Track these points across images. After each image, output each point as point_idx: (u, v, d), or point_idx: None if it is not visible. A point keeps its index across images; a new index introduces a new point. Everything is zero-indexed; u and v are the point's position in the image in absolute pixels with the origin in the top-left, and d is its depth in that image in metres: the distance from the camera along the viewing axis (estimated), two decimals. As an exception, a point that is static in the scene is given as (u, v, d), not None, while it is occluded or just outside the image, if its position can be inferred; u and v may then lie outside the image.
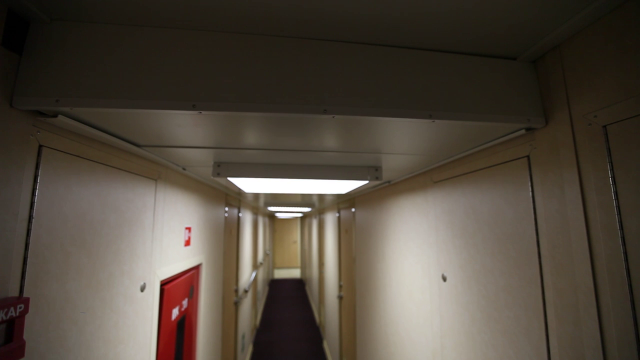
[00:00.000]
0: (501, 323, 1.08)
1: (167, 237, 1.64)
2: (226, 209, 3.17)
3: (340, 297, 4.12)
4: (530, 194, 0.96)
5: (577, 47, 0.82)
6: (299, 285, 10.52)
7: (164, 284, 1.62)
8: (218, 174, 1.48)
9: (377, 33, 0.84)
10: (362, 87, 0.84)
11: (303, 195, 3.37)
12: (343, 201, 4.05)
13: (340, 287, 4.21)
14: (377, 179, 1.52)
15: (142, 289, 1.36)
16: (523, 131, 0.94)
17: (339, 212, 4.43)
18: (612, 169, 0.72)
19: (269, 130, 0.97)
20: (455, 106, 0.87)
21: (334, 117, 0.83)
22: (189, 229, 1.99)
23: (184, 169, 1.68)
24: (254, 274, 5.25)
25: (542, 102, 0.92)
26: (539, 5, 0.73)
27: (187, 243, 1.97)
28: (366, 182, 1.58)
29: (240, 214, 4.17)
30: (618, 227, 0.71)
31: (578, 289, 0.79)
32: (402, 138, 1.06)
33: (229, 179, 1.61)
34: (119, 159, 1.18)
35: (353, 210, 3.50)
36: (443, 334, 1.47)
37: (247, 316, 4.83)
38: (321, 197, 3.56)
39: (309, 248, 9.08)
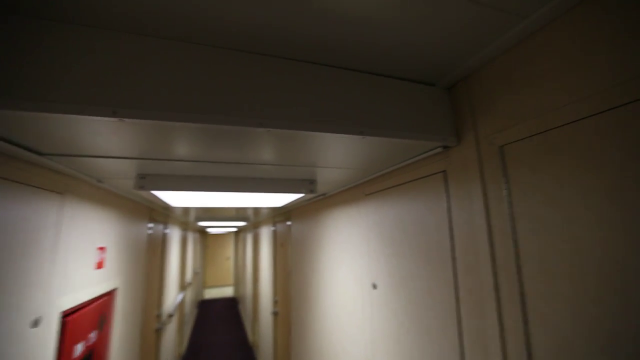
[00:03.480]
0: (424, 324, 1.18)
1: (73, 259, 1.42)
2: (150, 225, 2.88)
3: (275, 313, 4.02)
4: (447, 204, 1.08)
5: (480, 79, 0.97)
6: (231, 304, 9.97)
7: (66, 315, 1.39)
8: (142, 187, 1.35)
9: (316, 52, 0.88)
10: (298, 102, 0.86)
11: (237, 209, 3.25)
12: (279, 214, 4.02)
13: (275, 302, 4.11)
14: (312, 192, 1.55)
15: (35, 324, 1.14)
16: (440, 149, 1.07)
17: (274, 225, 4.38)
18: (507, 182, 0.86)
19: (201, 141, 0.93)
20: (384, 124, 0.94)
21: (269, 130, 0.83)
22: (102, 249, 1.76)
23: (99, 181, 1.49)
24: (180, 296, 4.82)
25: (456, 124, 1.06)
26: (451, 43, 0.85)
27: (100, 265, 1.73)
28: (302, 195, 1.60)
29: (167, 231, 3.83)
30: (511, 232, 0.84)
31: (483, 287, 0.91)
32: (335, 152, 1.10)
33: (154, 192, 1.47)
34: (11, 168, 1.00)
35: (289, 223, 3.49)
36: (374, 340, 1.53)
37: (172, 343, 4.39)
38: (257, 210, 3.48)
39: (244, 264, 8.73)
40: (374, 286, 1.56)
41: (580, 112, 0.69)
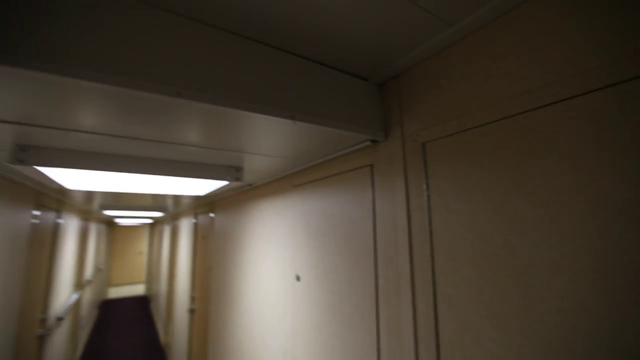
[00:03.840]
0: (344, 313, 1.20)
1: None
2: (36, 212, 2.40)
3: (191, 310, 3.75)
4: (372, 197, 1.12)
5: (409, 78, 1.02)
6: (141, 304, 9.04)
7: None
8: (21, 162, 1.09)
9: (251, 27, 0.81)
10: (226, 77, 0.79)
11: (155, 197, 2.93)
12: (201, 205, 3.75)
13: (192, 299, 3.84)
14: (237, 179, 1.46)
15: None
16: (369, 143, 1.09)
17: (196, 217, 4.08)
18: (427, 177, 0.92)
19: (110, 110, 0.78)
20: (316, 112, 0.92)
21: (190, 103, 0.73)
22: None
23: (-44, 150, 1.17)
24: (75, 296, 4.17)
25: (384, 120, 1.09)
26: (387, 40, 0.86)
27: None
28: (227, 182, 1.49)
29: (61, 220, 3.25)
30: (428, 223, 0.90)
31: (400, 276, 0.96)
32: (265, 138, 1.05)
33: (41, 170, 1.21)
34: None
35: (212, 215, 3.28)
36: (295, 332, 1.52)
37: (61, 350, 3.77)
38: (177, 199, 3.19)
39: (159, 259, 7.98)
40: (298, 278, 1.55)
41: (488, 117, 0.77)
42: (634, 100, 0.54)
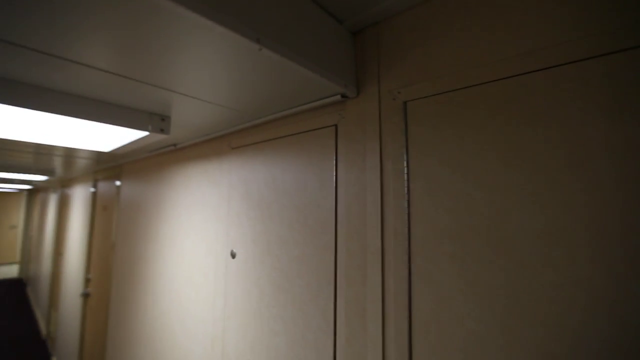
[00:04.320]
0: (291, 292, 1.06)
1: None
2: None
3: (85, 295, 3.15)
4: (334, 162, 0.97)
5: (392, 28, 0.87)
6: (14, 289, 7.43)
7: None
8: None
9: None
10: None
11: (38, 154, 2.27)
12: (103, 169, 3.11)
13: (87, 281, 3.22)
14: (162, 131, 1.15)
15: None
16: (338, 97, 0.93)
17: (95, 185, 3.38)
18: (406, 140, 0.81)
19: None
20: (285, 42, 0.71)
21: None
22: None
23: None
24: None
25: (357, 73, 0.94)
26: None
27: None
28: (145, 134, 1.17)
29: None
30: (405, 191, 0.79)
31: (368, 250, 0.85)
32: (209, 70, 0.79)
33: None
34: None
35: (118, 183, 2.73)
36: (227, 316, 1.32)
37: None
38: (69, 159, 2.55)
39: (40, 235, 6.58)
40: (233, 255, 1.33)
41: (484, 77, 0.68)
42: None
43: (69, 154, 2.16)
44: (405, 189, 0.79)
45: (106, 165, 2.95)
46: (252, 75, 0.80)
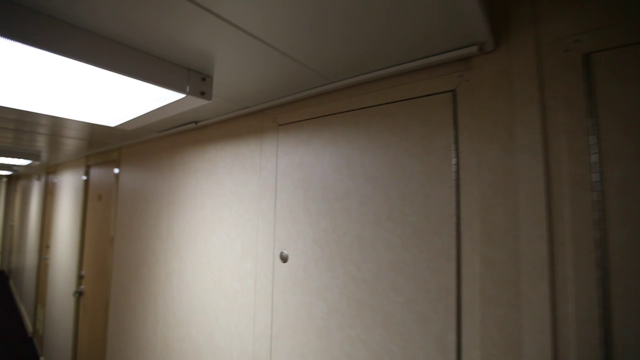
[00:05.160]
0: (381, 311, 0.81)
1: None
2: None
3: (78, 294, 2.84)
4: (453, 139, 0.72)
5: (558, -55, 0.62)
6: (-6, 281, 6.97)
7: None
8: None
9: None
10: None
11: (17, 133, 1.94)
12: (97, 154, 2.76)
13: (80, 279, 2.91)
14: (203, 95, 0.86)
15: None
16: (469, 49, 0.67)
17: (87, 172, 3.03)
18: (593, 107, 0.56)
19: None
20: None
21: None
22: None
23: None
24: None
25: (493, 17, 0.68)
26: None
27: None
28: (180, 96, 0.88)
29: None
30: (596, 179, 0.55)
31: (522, 259, 0.61)
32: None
33: None
34: None
35: (117, 170, 2.40)
36: (276, 334, 1.07)
37: None
38: (56, 137, 2.22)
39: (23, 225, 6.12)
40: (284, 258, 1.08)
41: None
42: None
43: (57, 131, 1.84)
44: (598, 174, 0.55)
45: (101, 149, 2.61)
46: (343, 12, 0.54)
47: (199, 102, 0.88)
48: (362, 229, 0.87)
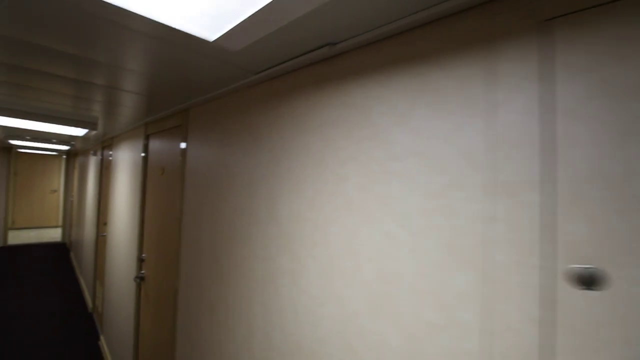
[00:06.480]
0: None
1: None
2: None
3: (140, 279, 2.53)
4: None
5: None
6: (58, 253, 7.25)
7: None
8: None
9: None
10: None
11: (76, 83, 1.54)
12: (159, 120, 2.36)
13: (140, 262, 2.59)
14: None
15: None
16: None
17: (146, 143, 2.66)
18: None
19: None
20: None
21: None
22: None
23: None
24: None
25: None
26: None
27: None
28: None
29: None
30: None
31: None
32: None
33: None
34: None
35: (183, 145, 1.96)
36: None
37: None
38: (115, 91, 1.82)
39: (81, 200, 6.18)
40: (587, 280, 0.51)
41: None
42: None
43: (115, 82, 1.37)
44: None
45: (163, 113, 2.19)
46: None
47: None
48: None
